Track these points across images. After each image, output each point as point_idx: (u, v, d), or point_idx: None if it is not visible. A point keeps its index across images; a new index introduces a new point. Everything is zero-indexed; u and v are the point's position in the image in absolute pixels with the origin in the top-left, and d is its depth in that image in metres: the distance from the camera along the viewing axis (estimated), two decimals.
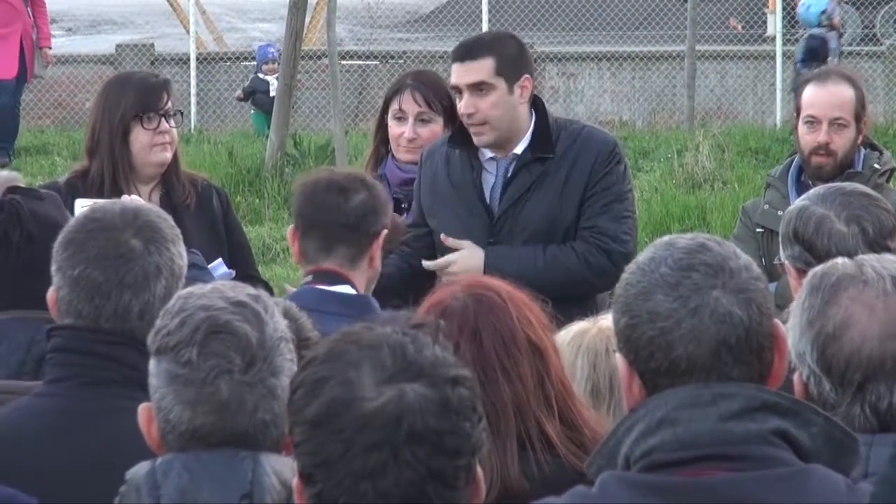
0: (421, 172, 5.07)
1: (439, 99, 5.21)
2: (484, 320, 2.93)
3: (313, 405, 2.17)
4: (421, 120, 5.17)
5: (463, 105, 4.87)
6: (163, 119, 4.97)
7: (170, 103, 5.06)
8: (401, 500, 2.15)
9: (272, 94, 14.31)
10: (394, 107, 5.24)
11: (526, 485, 2.92)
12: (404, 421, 2.11)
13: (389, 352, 2.16)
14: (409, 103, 5.15)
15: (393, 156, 5.33)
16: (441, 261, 4.91)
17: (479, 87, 4.82)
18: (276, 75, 14.71)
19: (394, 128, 5.25)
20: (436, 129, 5.15)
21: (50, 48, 15.78)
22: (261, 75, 14.99)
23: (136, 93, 5.01)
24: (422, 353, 2.17)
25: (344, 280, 4.19)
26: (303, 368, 2.27)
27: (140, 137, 4.93)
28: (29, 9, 15.19)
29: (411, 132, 5.14)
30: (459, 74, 4.90)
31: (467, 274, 3.49)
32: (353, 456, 2.14)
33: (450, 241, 4.95)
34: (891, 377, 2.70)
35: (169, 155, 5.01)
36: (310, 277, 4.26)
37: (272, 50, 16.57)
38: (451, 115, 5.21)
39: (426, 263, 4.94)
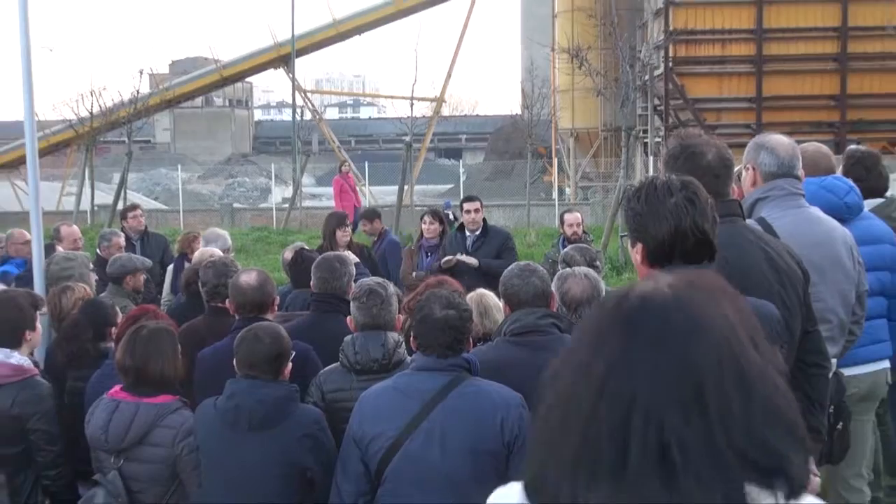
0: (445, 241, 6.47)
1: (437, 218, 6.71)
2: (453, 286, 3.50)
3: (418, 315, 2.63)
4: (431, 223, 6.76)
5: (466, 217, 6.41)
6: (347, 227, 6.35)
7: (348, 220, 6.29)
8: (446, 346, 2.58)
9: (451, 218, 14.29)
10: (423, 220, 6.68)
11: None
12: (447, 322, 2.58)
13: (445, 299, 2.65)
14: (428, 217, 6.74)
15: (423, 236, 6.74)
16: (451, 258, 6.21)
17: (475, 210, 6.42)
18: (451, 212, 15.74)
19: (425, 227, 6.77)
20: (437, 227, 6.74)
21: (360, 206, 16.03)
22: (448, 211, 15.98)
23: (342, 217, 6.30)
24: (455, 299, 2.63)
25: None
26: (417, 302, 2.70)
27: (339, 234, 6.45)
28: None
29: (430, 227, 6.81)
30: (468, 206, 6.44)
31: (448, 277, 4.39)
32: (431, 332, 2.62)
33: (447, 259, 6.20)
34: (585, 306, 3.29)
35: (348, 239, 6.36)
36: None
37: (449, 202, 18.66)
38: (441, 221, 6.66)
39: (444, 261, 6.25)
